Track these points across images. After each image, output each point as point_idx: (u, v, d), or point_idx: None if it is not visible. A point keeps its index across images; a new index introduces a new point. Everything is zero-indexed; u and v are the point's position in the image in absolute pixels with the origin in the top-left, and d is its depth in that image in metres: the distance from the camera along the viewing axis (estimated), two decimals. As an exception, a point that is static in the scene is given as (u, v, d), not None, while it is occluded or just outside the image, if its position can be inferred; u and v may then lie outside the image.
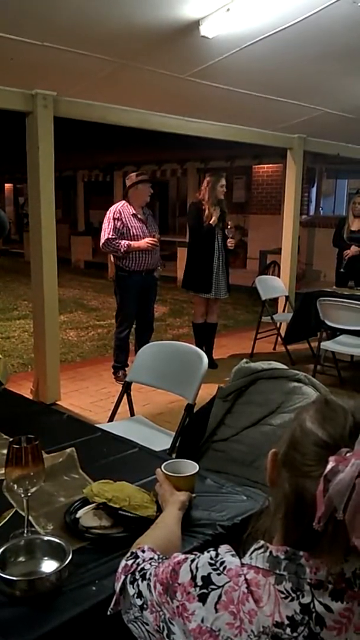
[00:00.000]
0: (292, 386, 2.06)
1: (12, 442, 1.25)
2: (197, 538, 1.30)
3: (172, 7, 2.81)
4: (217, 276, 5.05)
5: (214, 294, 5.08)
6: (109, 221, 4.62)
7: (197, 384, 2.46)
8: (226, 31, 3.03)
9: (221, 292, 5.11)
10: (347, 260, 5.93)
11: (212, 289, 5.06)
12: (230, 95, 4.21)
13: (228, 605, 0.81)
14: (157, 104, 4.53)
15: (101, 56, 3.37)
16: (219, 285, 5.08)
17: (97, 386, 4.79)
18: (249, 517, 1.37)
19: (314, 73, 3.91)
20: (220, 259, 5.05)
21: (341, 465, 0.73)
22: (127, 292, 4.72)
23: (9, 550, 1.19)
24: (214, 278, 5.04)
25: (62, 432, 1.91)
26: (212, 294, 5.08)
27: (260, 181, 11.74)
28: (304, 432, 0.83)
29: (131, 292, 4.72)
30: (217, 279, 5.05)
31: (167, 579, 0.90)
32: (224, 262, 5.08)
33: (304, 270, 10.26)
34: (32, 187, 4.11)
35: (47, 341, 4.26)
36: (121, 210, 4.64)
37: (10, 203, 19.14)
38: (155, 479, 1.45)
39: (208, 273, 5.02)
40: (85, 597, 1.11)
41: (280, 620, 0.78)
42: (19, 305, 8.21)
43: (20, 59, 3.35)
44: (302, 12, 2.91)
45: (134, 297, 4.74)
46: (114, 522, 1.32)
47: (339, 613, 0.78)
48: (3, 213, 1.90)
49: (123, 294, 4.75)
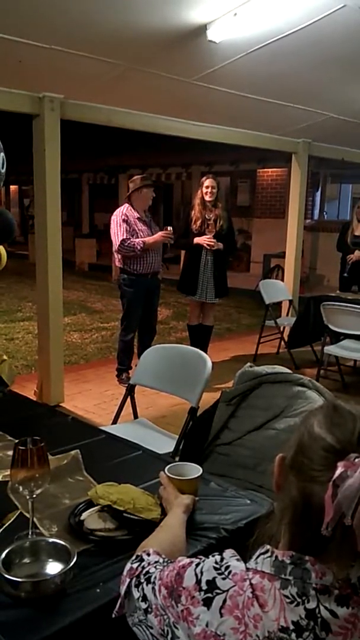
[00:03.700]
0: (296, 390, 2.06)
1: (18, 444, 1.25)
2: (201, 541, 1.30)
3: (180, 12, 2.82)
4: (203, 279, 4.98)
5: (199, 296, 5.03)
6: (118, 224, 4.61)
7: (200, 387, 2.46)
8: (233, 36, 3.04)
9: (208, 295, 5.02)
10: (351, 265, 5.92)
11: (197, 292, 5.01)
12: (236, 100, 4.22)
13: (233, 609, 0.81)
14: (163, 108, 4.54)
15: (108, 59, 3.39)
16: (206, 288, 5.00)
17: (101, 388, 4.79)
18: (253, 521, 1.37)
19: (319, 78, 3.92)
20: (208, 262, 4.95)
21: (350, 471, 0.73)
22: (134, 295, 4.72)
23: (14, 552, 1.19)
24: (200, 281, 4.98)
25: (66, 434, 1.91)
26: (197, 296, 5.04)
27: (265, 185, 11.75)
28: (312, 437, 0.83)
29: (138, 295, 4.72)
30: (203, 282, 4.98)
31: (171, 583, 0.90)
32: (213, 266, 4.96)
33: (308, 275, 10.25)
34: (38, 190, 4.12)
35: (51, 343, 4.27)
36: (127, 214, 4.64)
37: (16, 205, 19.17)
38: (159, 482, 1.45)
39: (194, 276, 4.99)
40: (89, 600, 1.11)
41: (285, 625, 0.78)
42: (23, 307, 8.22)
43: (28, 62, 3.37)
44: (308, 17, 2.92)
45: (140, 300, 4.75)
46: (118, 524, 1.32)
47: (344, 619, 0.78)
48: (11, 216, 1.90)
49: (130, 297, 4.74)
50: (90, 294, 9.64)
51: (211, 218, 4.92)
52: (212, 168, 11.12)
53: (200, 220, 4.89)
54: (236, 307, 8.58)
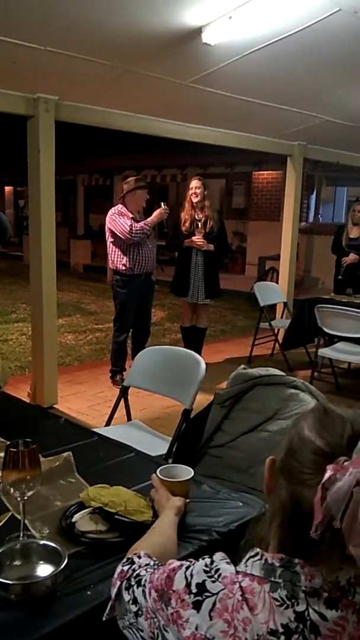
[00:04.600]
0: (289, 393, 2.06)
1: (9, 446, 1.25)
2: (193, 544, 1.30)
3: (175, 14, 2.82)
4: (194, 280, 4.99)
5: (190, 297, 5.04)
6: (117, 218, 4.61)
7: (194, 389, 2.46)
8: (228, 38, 3.05)
9: (199, 296, 5.04)
10: (345, 267, 5.95)
11: (188, 293, 5.03)
12: (232, 102, 4.23)
13: (222, 612, 0.81)
14: (159, 110, 4.55)
15: (103, 61, 3.39)
16: (197, 289, 5.01)
17: (94, 390, 4.78)
18: (244, 524, 1.37)
19: (314, 81, 3.93)
20: (198, 263, 4.96)
21: (339, 474, 0.73)
22: (127, 296, 4.72)
23: (5, 554, 1.18)
24: (191, 282, 5.00)
25: (59, 436, 1.91)
26: (188, 297, 5.05)
27: (260, 187, 11.78)
28: (302, 440, 0.83)
29: (131, 295, 4.72)
30: (194, 282, 5.00)
31: (162, 586, 0.90)
32: (204, 266, 4.98)
33: (303, 277, 10.28)
34: (32, 191, 4.12)
35: (45, 344, 4.26)
36: (122, 211, 4.65)
37: (10, 206, 19.15)
38: (151, 485, 1.45)
39: (185, 277, 5.01)
40: (80, 602, 1.11)
41: (274, 628, 0.78)
42: (17, 308, 8.20)
43: (22, 63, 3.36)
44: (303, 21, 2.93)
45: (133, 301, 4.75)
46: (110, 527, 1.32)
47: (333, 622, 0.78)
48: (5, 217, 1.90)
49: (123, 298, 4.74)
50: (85, 295, 9.63)
51: (201, 219, 4.93)
52: (207, 170, 11.15)
53: (189, 222, 4.91)
54: (231, 309, 8.59)
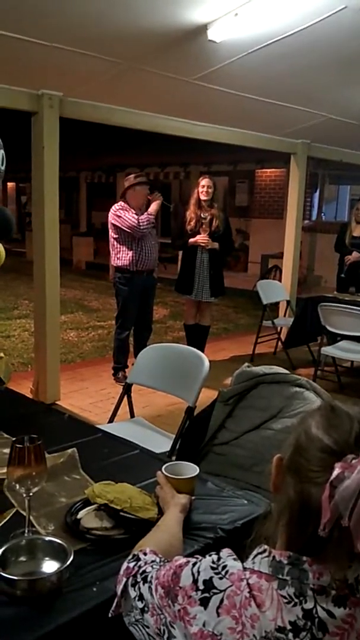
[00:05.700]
0: (293, 391, 2.05)
1: (15, 442, 1.25)
2: (198, 541, 1.30)
3: (181, 11, 2.82)
4: (199, 278, 4.99)
5: (195, 295, 5.04)
6: (122, 213, 4.62)
7: (197, 387, 2.45)
8: (233, 36, 3.04)
9: (204, 294, 5.03)
10: (348, 266, 5.94)
11: (193, 291, 5.02)
12: (236, 100, 4.22)
13: (230, 609, 0.81)
14: (163, 107, 4.54)
15: (108, 58, 3.38)
16: (202, 287, 5.01)
17: (97, 387, 4.78)
18: (249, 521, 1.37)
19: (319, 79, 3.92)
20: (203, 261, 4.96)
21: (347, 472, 0.73)
22: (130, 294, 4.73)
23: (10, 550, 1.18)
24: (196, 280, 4.99)
25: (63, 433, 1.91)
26: (193, 295, 5.05)
27: (263, 185, 11.75)
28: (309, 438, 0.83)
29: (133, 293, 4.73)
30: (199, 281, 5.00)
31: (168, 583, 0.90)
32: (209, 265, 4.97)
33: (305, 275, 10.26)
34: (36, 187, 4.11)
35: (48, 341, 4.26)
36: (125, 207, 4.65)
37: (13, 202, 19.12)
38: (156, 482, 1.45)
39: (190, 275, 5.00)
40: (85, 599, 1.11)
41: (282, 625, 0.78)
42: (19, 304, 8.21)
43: (27, 59, 3.36)
44: (309, 18, 2.92)
45: (135, 298, 4.75)
46: (115, 523, 1.32)
47: (341, 619, 0.78)
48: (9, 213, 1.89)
49: (125, 295, 4.75)
50: (88, 293, 9.63)
51: (206, 217, 4.92)
52: (210, 168, 11.13)
53: (195, 220, 4.90)
54: (234, 307, 8.58)
